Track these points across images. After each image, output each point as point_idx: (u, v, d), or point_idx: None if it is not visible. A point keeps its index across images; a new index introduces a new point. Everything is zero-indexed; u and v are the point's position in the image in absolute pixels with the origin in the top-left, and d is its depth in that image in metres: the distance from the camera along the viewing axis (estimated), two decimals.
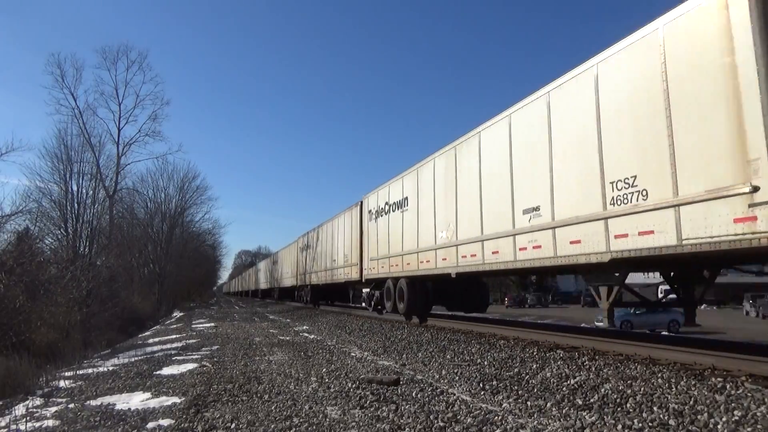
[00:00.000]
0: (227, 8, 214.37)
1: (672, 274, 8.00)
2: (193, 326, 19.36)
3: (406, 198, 13.63)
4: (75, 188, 25.33)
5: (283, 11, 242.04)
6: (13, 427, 5.40)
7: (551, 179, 7.67)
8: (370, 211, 16.82)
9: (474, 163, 10.01)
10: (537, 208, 7.96)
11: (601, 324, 26.66)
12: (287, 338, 12.45)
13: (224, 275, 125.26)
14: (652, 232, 5.87)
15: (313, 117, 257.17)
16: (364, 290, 18.13)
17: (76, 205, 24.69)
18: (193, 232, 53.43)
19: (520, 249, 8.34)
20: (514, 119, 8.75)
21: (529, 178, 8.23)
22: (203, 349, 11.22)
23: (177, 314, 34.28)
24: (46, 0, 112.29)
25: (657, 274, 8.60)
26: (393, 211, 14.58)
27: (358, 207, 18.11)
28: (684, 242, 5.46)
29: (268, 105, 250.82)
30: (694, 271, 7.77)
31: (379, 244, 15.61)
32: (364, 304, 18.71)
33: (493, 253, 9.14)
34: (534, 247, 8.00)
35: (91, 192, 26.11)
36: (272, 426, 4.56)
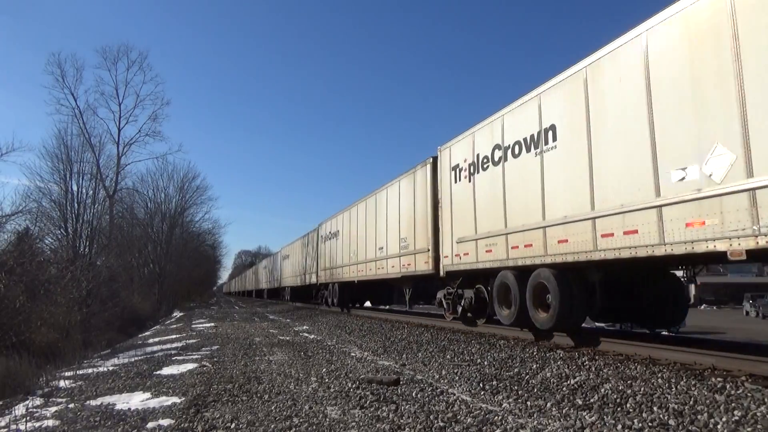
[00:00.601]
0: (227, 8, 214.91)
1: None
2: (193, 326, 19.36)
3: (551, 128, 8.18)
4: (75, 188, 25.31)
5: (283, 11, 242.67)
6: (13, 427, 5.40)
7: None
8: (456, 168, 11.39)
9: None
10: None
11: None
12: (287, 338, 12.45)
13: (224, 275, 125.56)
14: None
15: (312, 117, 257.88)
16: (441, 291, 12.87)
17: (76, 205, 24.67)
18: (193, 232, 53.55)
19: None
20: None
21: None
22: (203, 349, 11.22)
23: (177, 314, 34.28)
24: (46, 0, 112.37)
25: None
26: (514, 156, 9.20)
27: (428, 167, 12.81)
28: None
29: (269, 105, 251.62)
30: None
31: (479, 215, 10.33)
32: (444, 311, 12.94)
33: None
34: None
35: (91, 192, 26.10)
36: (272, 426, 4.56)
